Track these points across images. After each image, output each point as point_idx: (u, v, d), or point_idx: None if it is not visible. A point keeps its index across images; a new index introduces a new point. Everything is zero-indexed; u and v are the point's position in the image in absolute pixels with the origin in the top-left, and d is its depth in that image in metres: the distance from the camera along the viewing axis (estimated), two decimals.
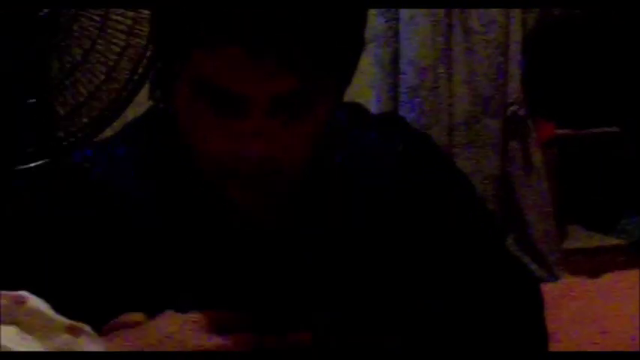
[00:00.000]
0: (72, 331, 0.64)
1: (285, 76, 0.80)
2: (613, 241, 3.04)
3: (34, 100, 1.36)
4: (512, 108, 2.68)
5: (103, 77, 1.60)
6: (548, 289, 1.23)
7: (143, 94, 1.69)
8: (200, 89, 0.82)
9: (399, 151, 0.97)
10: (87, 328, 0.66)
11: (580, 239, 3.05)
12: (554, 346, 0.95)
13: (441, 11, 2.59)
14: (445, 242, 0.95)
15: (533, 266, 2.69)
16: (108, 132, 1.66)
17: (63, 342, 0.63)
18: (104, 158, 0.93)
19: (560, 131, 2.96)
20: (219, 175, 0.86)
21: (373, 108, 2.65)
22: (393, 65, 2.65)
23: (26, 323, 0.62)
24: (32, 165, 1.35)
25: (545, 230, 2.75)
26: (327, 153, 0.93)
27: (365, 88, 2.65)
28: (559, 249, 2.84)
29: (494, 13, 2.61)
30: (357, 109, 1.02)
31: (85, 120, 1.58)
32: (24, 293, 0.66)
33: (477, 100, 2.66)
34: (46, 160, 1.38)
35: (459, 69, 2.64)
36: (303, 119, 0.84)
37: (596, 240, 3.05)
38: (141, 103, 1.41)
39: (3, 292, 0.65)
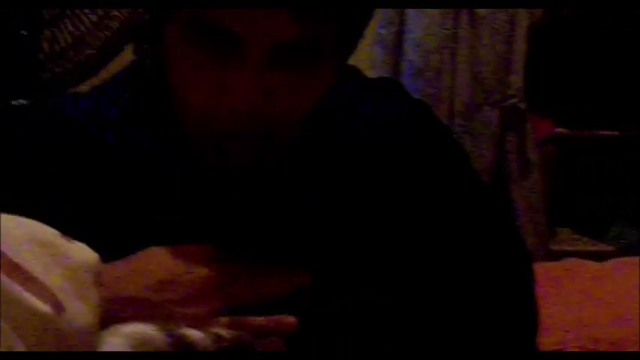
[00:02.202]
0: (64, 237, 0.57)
1: (290, 23, 0.73)
2: (602, 247, 2.99)
3: (25, 33, 1.28)
4: (512, 100, 2.62)
5: (95, 20, 1.53)
6: (551, 267, 1.18)
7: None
8: (194, 30, 0.75)
9: (395, 116, 0.92)
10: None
11: (568, 242, 3.01)
12: (560, 327, 0.90)
13: None
14: (437, 209, 0.90)
15: None
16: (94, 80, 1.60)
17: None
18: (86, 110, 0.88)
19: (558, 129, 2.92)
20: (202, 134, 0.80)
21: None
22: (397, 46, 2.59)
23: None
24: (14, 103, 1.28)
25: (534, 228, 2.70)
26: (322, 117, 0.86)
27: (366, 69, 2.58)
28: (546, 249, 2.80)
29: None
30: (354, 71, 0.96)
31: (70, 65, 1.51)
32: None
33: (479, 88, 2.60)
34: (29, 99, 1.31)
35: (463, 55, 2.58)
36: (303, 78, 0.78)
37: (585, 244, 3.00)
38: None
39: None
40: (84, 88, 1.58)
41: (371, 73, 2.56)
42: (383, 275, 0.86)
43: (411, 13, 2.56)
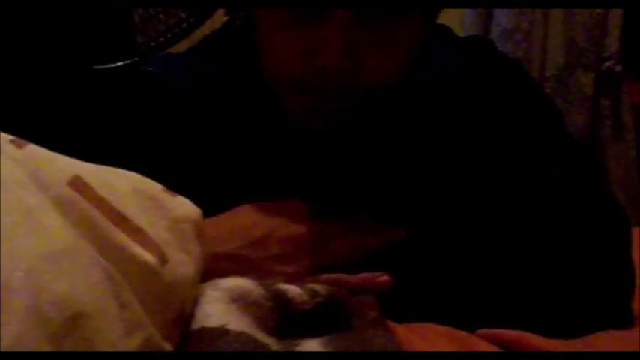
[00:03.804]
0: (168, 191, 0.59)
1: None
2: None
3: None
4: (607, 63, 2.55)
5: None
6: None
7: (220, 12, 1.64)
8: None
9: (486, 75, 0.91)
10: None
11: None
12: None
13: None
14: (529, 166, 0.89)
15: None
16: (185, 44, 1.62)
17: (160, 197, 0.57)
18: (180, 70, 0.92)
19: None
20: (291, 95, 0.81)
21: None
22: (487, 7, 2.55)
23: None
24: (111, 66, 1.31)
25: (627, 193, 2.64)
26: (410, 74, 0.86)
27: (455, 30, 2.55)
28: None
29: None
30: (444, 29, 0.96)
31: (162, 27, 1.53)
32: None
33: (572, 50, 2.54)
34: (125, 62, 1.34)
35: (556, 15, 2.52)
36: (390, 34, 0.78)
37: None
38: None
39: None
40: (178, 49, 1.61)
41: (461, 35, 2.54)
42: (472, 232, 0.85)
43: None
